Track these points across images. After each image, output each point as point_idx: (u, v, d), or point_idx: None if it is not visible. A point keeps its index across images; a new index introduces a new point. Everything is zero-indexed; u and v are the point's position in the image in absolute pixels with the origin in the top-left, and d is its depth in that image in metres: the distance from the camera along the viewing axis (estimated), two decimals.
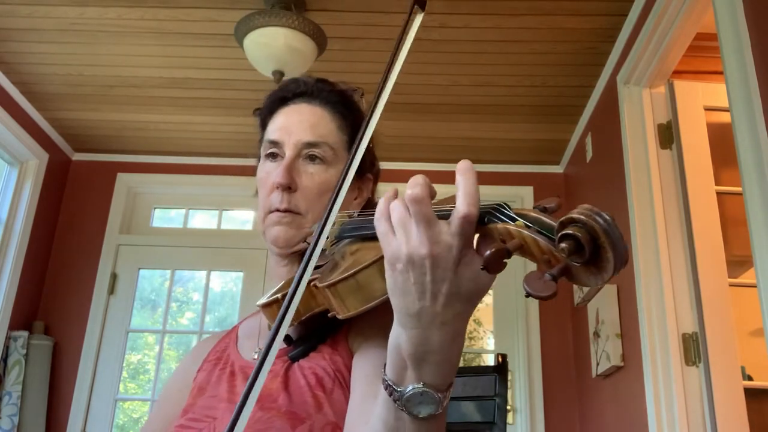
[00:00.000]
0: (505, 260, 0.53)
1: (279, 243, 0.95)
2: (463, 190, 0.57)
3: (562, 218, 0.52)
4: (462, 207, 0.56)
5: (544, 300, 0.50)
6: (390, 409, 0.63)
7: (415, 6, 0.80)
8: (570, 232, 0.51)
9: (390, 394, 0.62)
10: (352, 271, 0.72)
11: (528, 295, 0.50)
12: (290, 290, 0.65)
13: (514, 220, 0.57)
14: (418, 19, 0.81)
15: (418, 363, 0.60)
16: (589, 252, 0.51)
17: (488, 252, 0.53)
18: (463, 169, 0.59)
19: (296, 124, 0.98)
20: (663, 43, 2.29)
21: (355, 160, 0.74)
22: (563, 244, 0.51)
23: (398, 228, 0.59)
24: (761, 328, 1.66)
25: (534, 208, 0.57)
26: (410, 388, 0.61)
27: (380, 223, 0.61)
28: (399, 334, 0.61)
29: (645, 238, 2.38)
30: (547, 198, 0.59)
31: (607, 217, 0.51)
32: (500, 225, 0.57)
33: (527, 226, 0.55)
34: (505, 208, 0.58)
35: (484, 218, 0.58)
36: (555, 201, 0.58)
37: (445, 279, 0.57)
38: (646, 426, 2.26)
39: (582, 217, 0.51)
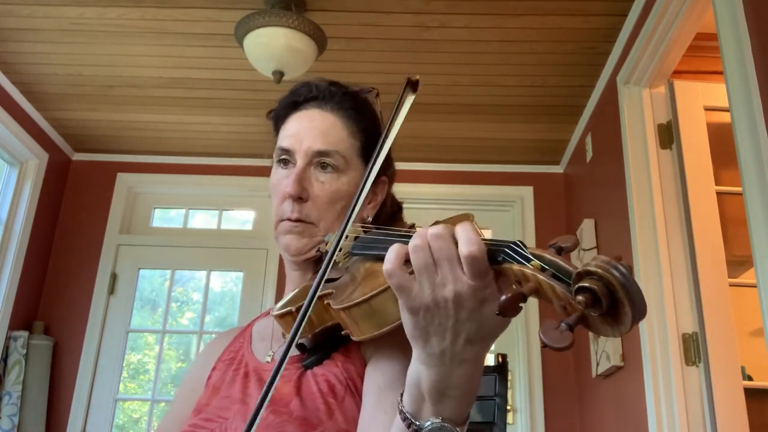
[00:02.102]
0: (521, 304, 0.53)
1: (291, 251, 0.95)
2: (462, 234, 0.58)
3: (579, 269, 0.51)
4: (463, 249, 0.57)
5: (562, 350, 0.49)
6: None
7: (407, 88, 0.81)
8: (587, 285, 0.50)
9: (408, 426, 0.63)
10: (367, 296, 0.72)
11: (545, 346, 0.49)
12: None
13: (529, 260, 0.56)
14: (410, 101, 0.82)
15: (438, 398, 0.61)
16: (606, 305, 0.50)
17: (504, 297, 0.52)
18: (461, 223, 0.60)
19: (307, 131, 0.96)
20: (663, 43, 2.29)
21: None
22: (580, 297, 0.50)
23: (420, 272, 0.59)
24: (761, 328, 1.66)
25: (549, 247, 0.57)
26: (429, 423, 0.61)
27: (395, 277, 0.60)
28: (419, 371, 0.61)
29: (645, 238, 2.38)
30: (563, 236, 0.58)
31: (624, 271, 0.50)
32: (516, 266, 0.56)
33: (543, 269, 0.55)
34: (521, 248, 0.57)
35: (498, 257, 0.58)
36: (571, 240, 0.57)
37: (469, 319, 0.58)
38: (646, 426, 2.26)
39: (599, 270, 0.50)
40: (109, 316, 3.53)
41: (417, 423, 0.62)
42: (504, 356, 1.21)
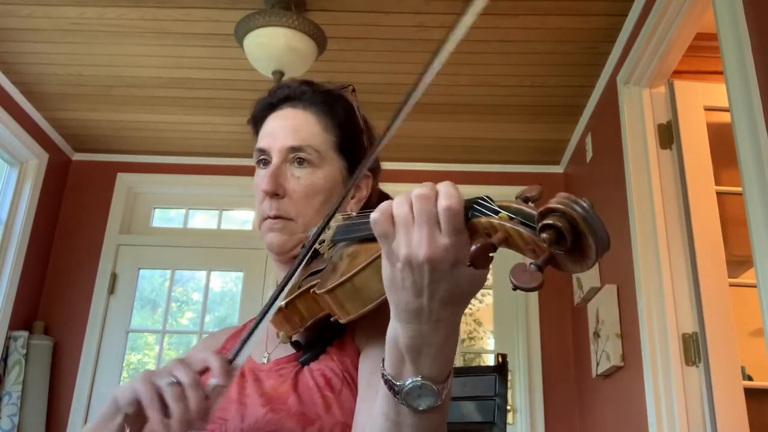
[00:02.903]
0: (491, 254, 0.53)
1: (273, 249, 0.97)
2: (442, 190, 0.59)
3: (541, 208, 0.52)
4: (442, 201, 0.58)
5: (532, 291, 0.50)
6: (390, 403, 0.64)
7: None
8: (550, 222, 0.51)
9: (390, 389, 0.63)
10: (349, 275, 0.73)
11: (515, 287, 0.50)
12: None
13: (497, 212, 0.57)
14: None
15: (415, 356, 0.61)
16: (570, 240, 0.51)
17: (474, 248, 0.53)
18: (442, 182, 0.61)
19: (280, 129, 0.98)
20: (663, 43, 2.29)
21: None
22: (544, 234, 0.51)
23: (399, 227, 0.59)
24: (761, 328, 1.66)
25: (516, 198, 0.58)
26: (409, 381, 0.62)
27: (378, 224, 0.61)
28: (396, 329, 0.62)
29: (645, 238, 2.38)
30: (529, 187, 0.59)
31: (585, 205, 0.51)
32: (484, 219, 0.57)
33: (510, 218, 0.56)
34: (488, 201, 0.58)
35: (467, 213, 0.58)
36: (537, 189, 0.58)
37: (442, 280, 0.58)
38: (646, 426, 2.26)
39: (560, 206, 0.51)
40: (109, 316, 3.53)
41: (398, 384, 0.62)
42: (504, 356, 1.21)
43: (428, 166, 3.67)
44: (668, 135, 2.45)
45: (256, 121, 1.04)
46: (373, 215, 0.62)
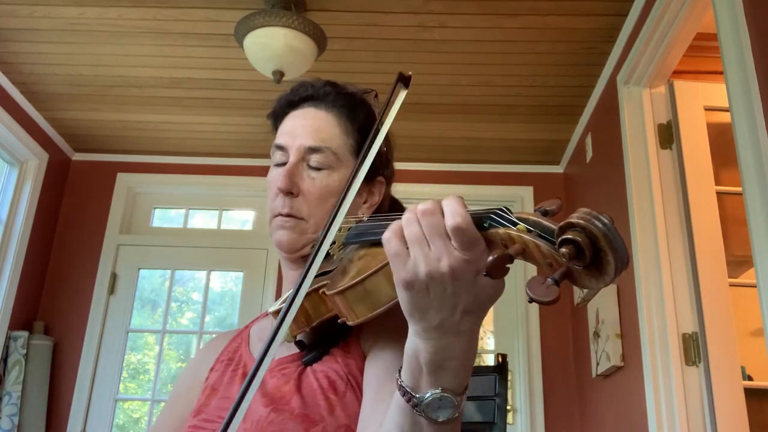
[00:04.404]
0: (508, 265, 0.53)
1: (283, 247, 0.96)
2: (447, 208, 0.58)
3: (562, 223, 0.52)
4: (448, 221, 0.57)
5: (548, 305, 0.50)
6: (407, 414, 0.63)
7: (399, 83, 0.82)
8: (570, 237, 0.51)
9: (408, 401, 0.63)
10: (360, 278, 0.72)
11: (531, 300, 0.50)
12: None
13: (515, 224, 0.57)
14: (402, 96, 0.82)
15: (436, 370, 0.61)
16: (589, 256, 0.51)
17: (490, 258, 0.53)
18: (446, 197, 0.60)
19: (300, 128, 0.98)
20: (663, 43, 2.29)
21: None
22: (563, 249, 0.51)
23: (414, 245, 0.59)
24: (761, 328, 1.66)
25: (535, 210, 0.58)
26: (429, 394, 0.61)
27: (391, 243, 0.61)
28: (416, 344, 0.61)
29: (645, 238, 2.38)
30: (548, 200, 0.59)
31: (606, 221, 0.51)
32: (502, 230, 0.57)
33: (528, 230, 0.56)
34: (506, 212, 0.58)
35: (484, 223, 0.58)
36: (556, 203, 0.58)
37: (465, 290, 0.58)
38: (646, 426, 2.26)
39: (581, 221, 0.51)
40: (109, 316, 3.53)
41: (417, 396, 0.62)
42: (504, 356, 1.21)
43: (428, 166, 3.67)
44: (668, 135, 2.45)
45: (276, 117, 1.04)
46: (385, 235, 0.61)
